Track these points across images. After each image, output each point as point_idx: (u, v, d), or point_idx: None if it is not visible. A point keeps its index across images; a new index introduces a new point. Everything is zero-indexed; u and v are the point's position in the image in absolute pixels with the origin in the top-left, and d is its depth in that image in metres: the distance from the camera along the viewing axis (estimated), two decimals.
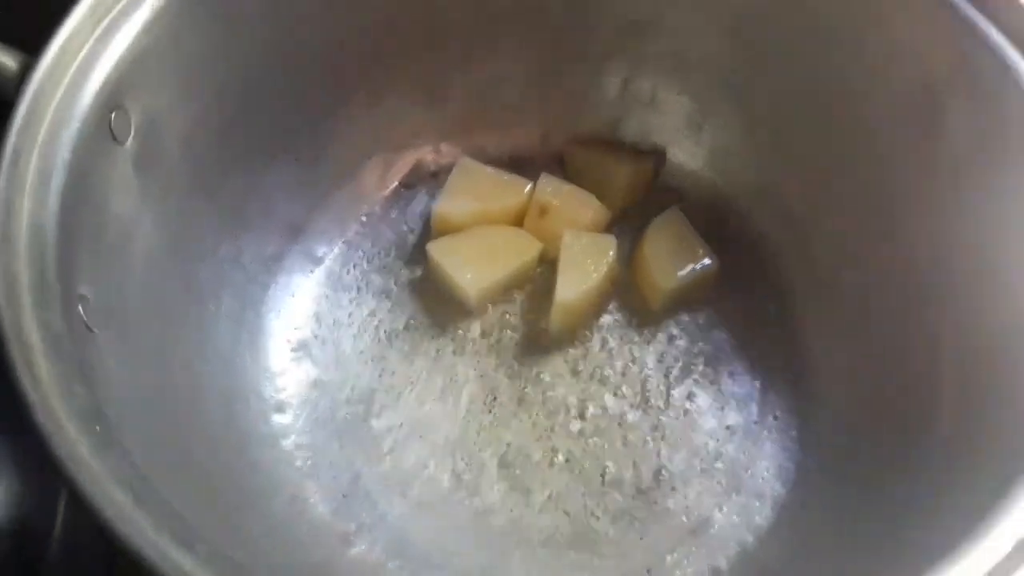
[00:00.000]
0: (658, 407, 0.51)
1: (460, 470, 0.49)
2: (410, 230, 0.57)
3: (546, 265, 0.55)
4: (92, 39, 0.39)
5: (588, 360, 0.53)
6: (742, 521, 0.48)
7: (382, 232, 0.57)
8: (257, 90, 0.49)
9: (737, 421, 0.51)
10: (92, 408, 0.32)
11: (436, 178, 0.58)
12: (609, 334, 0.54)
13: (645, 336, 0.54)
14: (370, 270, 0.56)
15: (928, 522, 0.38)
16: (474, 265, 0.54)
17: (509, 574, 0.47)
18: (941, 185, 0.46)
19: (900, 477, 0.43)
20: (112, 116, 0.39)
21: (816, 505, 0.47)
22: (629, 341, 0.54)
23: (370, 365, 0.52)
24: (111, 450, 0.31)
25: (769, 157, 0.55)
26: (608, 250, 0.54)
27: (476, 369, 0.52)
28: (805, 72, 0.51)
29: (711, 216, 0.57)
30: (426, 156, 0.59)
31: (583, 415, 0.51)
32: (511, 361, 0.53)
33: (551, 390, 0.52)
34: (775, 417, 0.51)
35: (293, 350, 0.53)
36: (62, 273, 0.35)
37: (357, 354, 0.53)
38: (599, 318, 0.54)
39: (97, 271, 0.38)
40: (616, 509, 0.48)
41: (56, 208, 0.36)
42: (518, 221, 0.56)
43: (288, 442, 0.49)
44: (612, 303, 0.55)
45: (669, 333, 0.54)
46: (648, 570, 0.47)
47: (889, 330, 0.49)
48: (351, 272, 0.55)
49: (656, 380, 0.52)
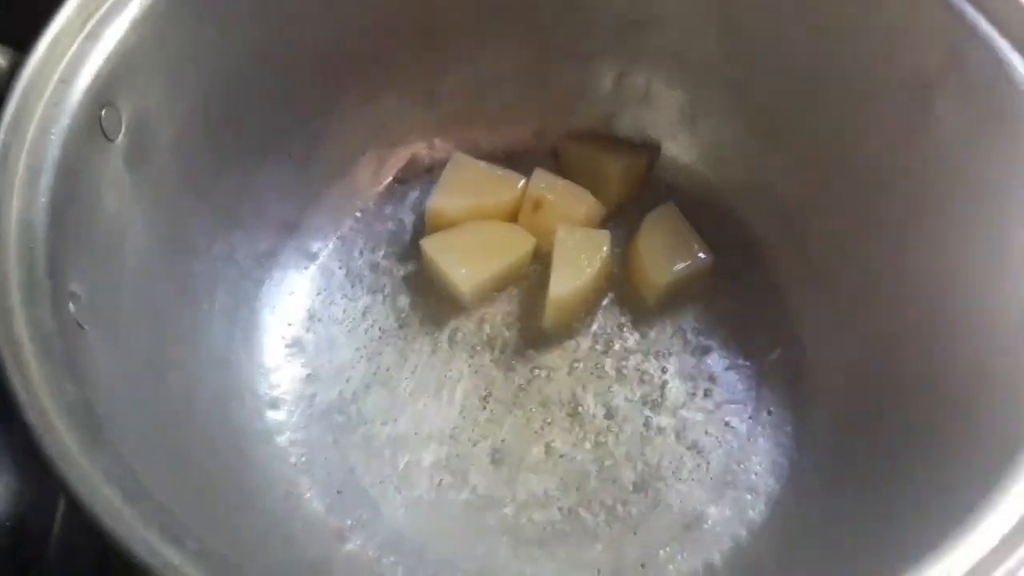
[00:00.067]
0: (652, 402, 0.51)
1: (454, 466, 0.49)
2: (404, 226, 0.57)
3: (540, 260, 0.55)
4: (81, 36, 0.39)
5: (582, 355, 0.53)
6: (736, 516, 0.48)
7: (376, 228, 0.57)
8: (249, 87, 0.48)
9: (731, 417, 0.51)
10: (82, 405, 0.32)
11: (430, 173, 0.58)
12: (603, 329, 0.54)
13: (639, 331, 0.54)
14: (364, 266, 0.56)
15: (919, 517, 0.38)
16: (468, 260, 0.54)
17: (503, 570, 0.47)
18: (935, 180, 0.46)
19: (893, 473, 0.43)
20: (102, 113, 0.39)
21: (809, 500, 0.47)
22: (623, 336, 0.53)
23: (364, 361, 0.52)
24: (101, 447, 0.31)
25: (763, 152, 0.55)
26: (602, 245, 0.54)
27: (470, 365, 0.52)
28: (798, 67, 0.51)
29: (706, 211, 0.56)
30: (420, 151, 0.59)
31: (577, 411, 0.51)
32: (505, 357, 0.53)
33: (545, 386, 0.52)
34: (769, 413, 0.51)
35: (287, 346, 0.52)
36: (52, 270, 0.35)
37: (351, 350, 0.53)
38: (593, 313, 0.54)
39: (88, 268, 0.38)
40: (610, 504, 0.48)
41: (46, 205, 0.36)
42: (512, 216, 0.56)
43: (282, 438, 0.49)
44: (606, 298, 0.55)
45: (663, 328, 0.54)
46: (642, 565, 0.47)
47: (884, 326, 0.49)
48: (345, 268, 0.55)
49: (650, 375, 0.52)
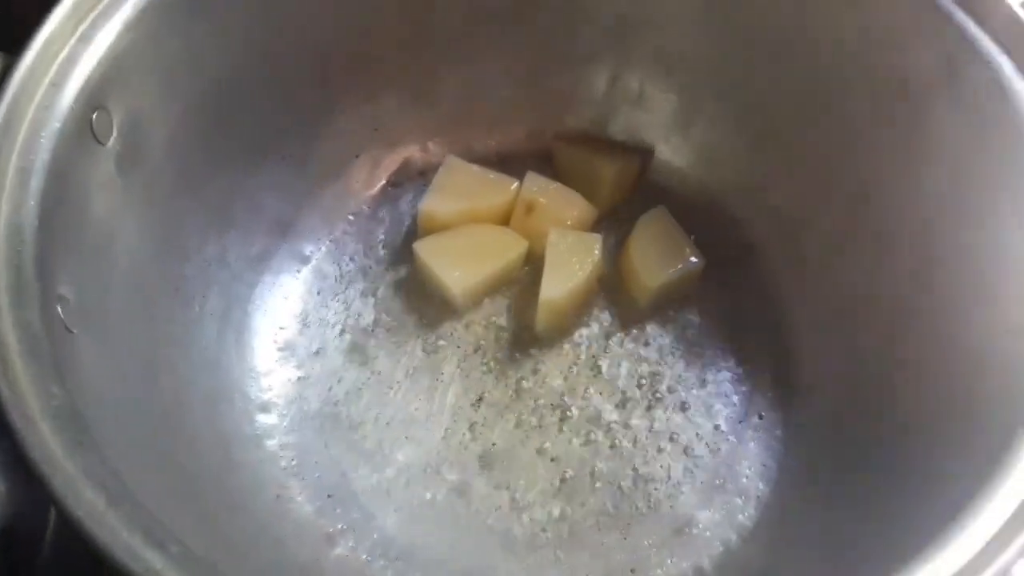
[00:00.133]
0: (644, 406, 0.51)
1: (446, 470, 0.49)
2: (397, 228, 0.57)
3: (532, 263, 0.55)
4: (73, 39, 0.39)
5: (573, 359, 0.53)
6: (726, 520, 0.48)
7: (370, 230, 0.57)
8: (243, 89, 0.48)
9: (722, 420, 0.51)
10: (68, 408, 0.32)
11: (424, 176, 0.58)
12: (595, 332, 0.54)
13: (631, 334, 0.54)
14: (357, 269, 0.56)
15: (908, 521, 0.38)
16: (460, 264, 0.54)
17: (493, 573, 0.47)
18: (926, 182, 0.46)
19: (882, 477, 0.43)
20: (94, 116, 0.39)
21: (799, 504, 0.47)
22: (615, 339, 0.53)
23: (356, 364, 0.52)
24: (86, 450, 0.31)
25: (756, 156, 0.55)
26: (594, 248, 0.54)
27: (462, 368, 0.52)
28: (792, 71, 0.51)
29: (698, 214, 0.56)
30: (414, 154, 0.59)
31: (569, 414, 0.51)
32: (497, 360, 0.53)
33: (537, 389, 0.52)
34: (760, 416, 0.51)
35: (279, 349, 0.53)
36: (41, 273, 0.35)
37: (343, 353, 0.53)
38: (585, 316, 0.54)
39: (77, 271, 0.38)
40: (600, 508, 0.48)
41: (35, 208, 0.36)
42: (504, 219, 0.56)
43: (273, 442, 0.49)
44: (598, 301, 0.55)
45: (655, 331, 0.54)
46: (632, 570, 0.47)
47: (875, 331, 0.49)
48: (338, 271, 0.55)
49: (641, 379, 0.52)
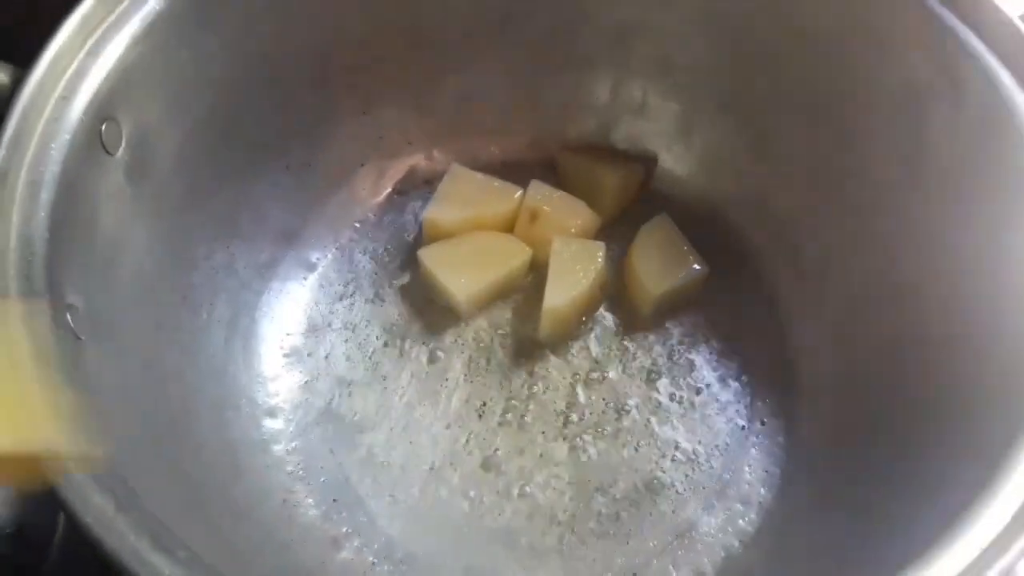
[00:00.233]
0: (646, 412, 0.52)
1: (449, 475, 0.50)
2: (403, 236, 0.58)
3: (536, 271, 0.56)
4: (83, 52, 0.40)
5: (577, 366, 0.53)
6: (728, 526, 0.48)
7: (375, 238, 0.58)
8: (250, 99, 0.49)
9: (724, 427, 0.51)
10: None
11: (429, 184, 0.59)
12: (598, 340, 0.54)
13: (634, 342, 0.54)
14: (363, 276, 0.56)
15: (909, 527, 0.38)
16: (464, 271, 0.54)
17: None
18: (926, 190, 0.46)
19: (883, 484, 0.43)
20: (103, 128, 0.40)
21: (801, 510, 0.47)
22: (618, 347, 0.54)
23: (361, 370, 0.53)
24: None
25: (757, 163, 0.55)
26: (597, 256, 0.54)
27: (466, 375, 0.53)
28: (793, 79, 0.51)
29: (700, 222, 0.57)
30: (419, 163, 0.60)
31: (571, 420, 0.51)
32: (501, 366, 0.53)
33: (540, 395, 0.52)
34: (762, 423, 0.51)
35: (285, 355, 0.53)
36: (51, 283, 0.35)
37: (349, 359, 0.53)
38: (588, 324, 0.55)
39: (87, 280, 0.38)
40: (603, 514, 0.49)
41: (46, 219, 0.36)
42: (509, 227, 0.57)
43: (279, 447, 0.50)
44: (601, 309, 0.55)
45: (658, 339, 0.54)
46: (634, 574, 0.47)
47: (877, 337, 0.49)
48: (344, 278, 0.56)
49: (644, 386, 0.52)
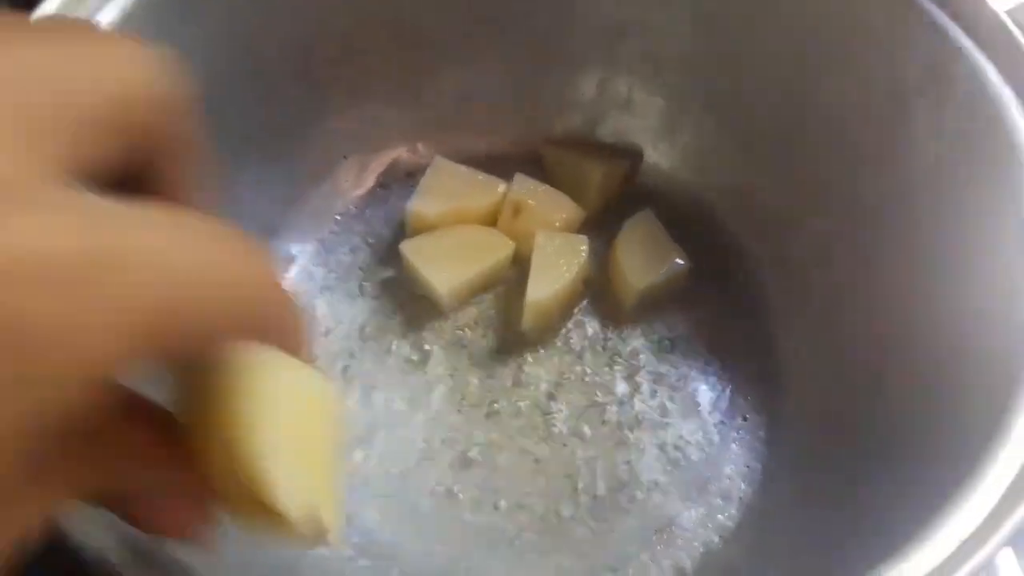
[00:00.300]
0: (628, 408, 0.51)
1: (429, 470, 0.49)
2: (385, 229, 0.57)
3: (519, 265, 0.55)
4: None
5: (559, 360, 0.53)
6: (708, 522, 0.48)
7: (357, 231, 0.57)
8: (230, 89, 0.48)
9: (706, 422, 0.51)
10: None
11: (412, 177, 0.58)
12: (581, 334, 0.54)
13: (617, 336, 0.54)
14: (344, 269, 0.56)
15: (891, 522, 0.37)
16: (447, 265, 0.54)
17: (476, 572, 0.47)
18: (912, 187, 0.46)
19: (866, 479, 0.43)
20: None
21: (782, 505, 0.47)
22: (601, 342, 0.54)
23: (341, 365, 0.52)
24: None
25: (742, 159, 0.55)
26: (581, 250, 0.54)
27: (447, 369, 0.52)
28: (779, 77, 0.51)
29: (685, 217, 0.56)
30: (402, 155, 0.59)
31: (553, 415, 0.51)
32: (482, 361, 0.53)
33: (522, 390, 0.52)
34: (744, 419, 0.51)
35: None
36: None
37: (328, 353, 0.53)
38: (571, 318, 0.54)
39: None
40: (582, 510, 0.48)
41: None
42: (492, 221, 0.56)
43: None
44: (584, 303, 0.55)
45: (641, 334, 0.54)
46: (613, 570, 0.47)
47: (861, 334, 0.49)
48: (325, 271, 0.56)
49: (626, 381, 0.52)
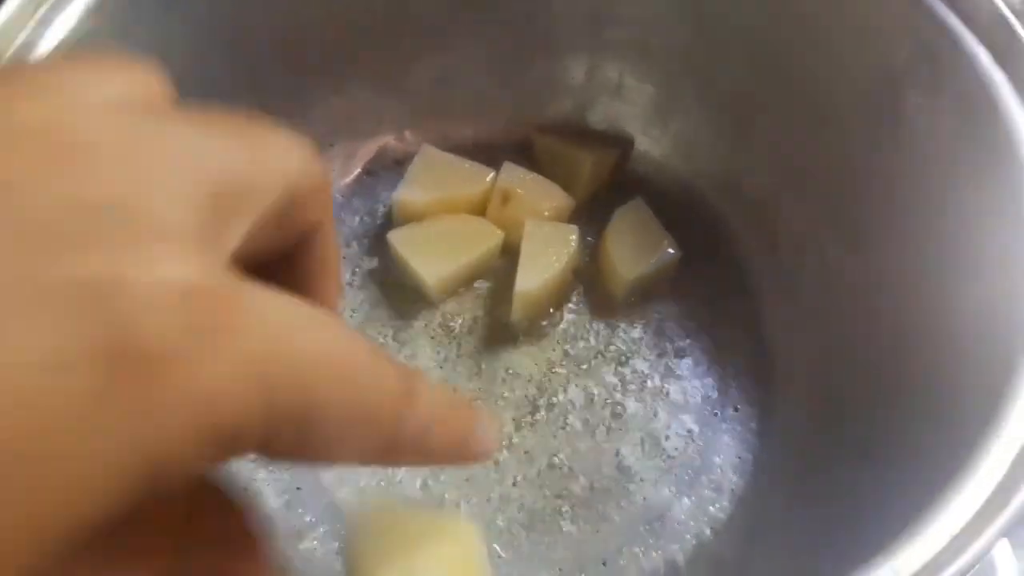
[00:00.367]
0: (617, 398, 0.51)
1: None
2: (372, 218, 0.57)
3: (508, 254, 0.54)
4: (33, 21, 0.38)
5: (548, 350, 0.52)
6: (699, 514, 0.47)
7: (344, 221, 0.56)
8: (212, 78, 0.47)
9: (697, 413, 0.50)
10: None
11: (400, 165, 0.57)
12: (571, 324, 0.53)
13: (607, 327, 0.53)
14: None
15: (883, 515, 0.37)
16: (435, 254, 0.53)
17: None
18: (904, 174, 0.45)
19: (857, 470, 0.42)
20: None
21: (773, 497, 0.47)
22: (591, 332, 0.53)
23: None
24: None
25: (734, 146, 0.54)
26: (570, 239, 0.53)
27: (435, 360, 0.52)
28: (770, 63, 0.50)
29: (676, 206, 0.56)
30: (389, 143, 0.58)
31: (543, 407, 0.50)
32: (471, 352, 0.52)
33: (511, 380, 0.51)
34: (735, 409, 0.50)
35: None
36: None
37: None
38: (561, 308, 0.53)
39: None
40: (573, 502, 0.48)
41: None
42: (480, 209, 0.55)
43: None
44: (575, 293, 0.54)
45: (632, 324, 0.53)
46: (603, 563, 0.46)
47: (852, 324, 0.48)
48: None
49: (617, 372, 0.52)
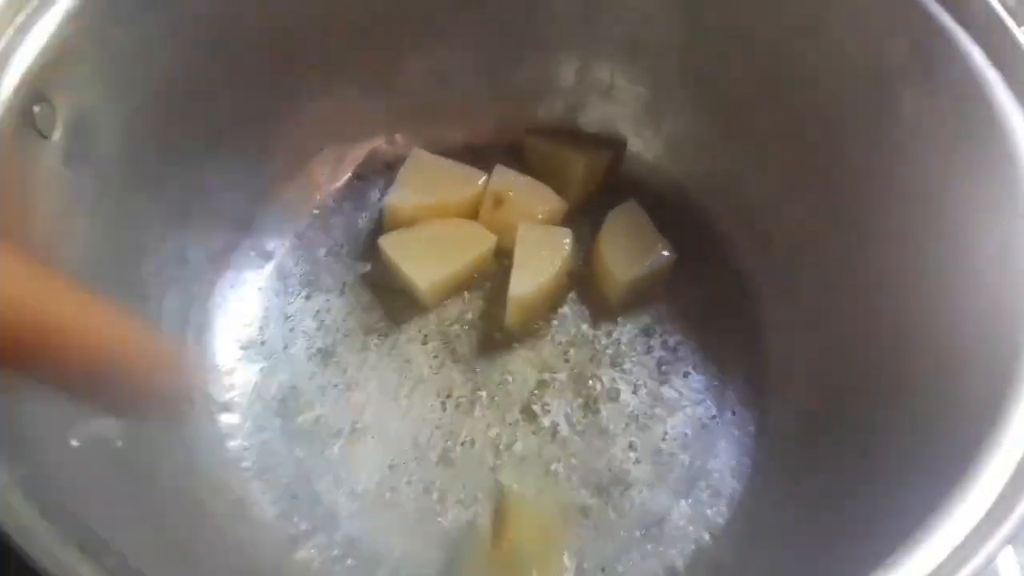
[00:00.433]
0: (614, 402, 0.50)
1: (412, 469, 0.48)
2: (363, 223, 0.56)
3: (501, 259, 0.54)
4: (12, 28, 0.37)
5: (544, 355, 0.52)
6: (698, 518, 0.47)
7: (334, 225, 0.56)
8: (199, 80, 0.47)
9: (694, 417, 0.50)
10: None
11: (390, 169, 0.57)
12: (566, 328, 0.53)
13: (602, 330, 0.53)
14: (322, 265, 0.54)
15: (882, 518, 0.37)
16: (427, 259, 0.52)
17: (461, 573, 0.46)
18: (899, 173, 0.45)
19: (856, 474, 0.42)
20: (36, 110, 0.37)
21: (772, 501, 0.46)
22: (586, 335, 0.52)
23: (321, 363, 0.51)
24: (20, 461, 0.30)
25: (727, 148, 0.54)
26: (564, 243, 0.52)
27: (430, 366, 0.51)
28: (763, 62, 0.50)
29: (670, 208, 0.55)
30: (380, 146, 0.58)
31: (539, 412, 0.50)
32: (466, 357, 0.51)
33: (506, 386, 0.51)
34: (733, 413, 0.50)
35: (242, 348, 0.51)
36: None
37: (307, 352, 0.51)
38: (555, 312, 0.53)
39: None
40: (570, 507, 0.47)
41: None
42: (473, 213, 0.55)
43: (235, 443, 0.48)
44: (569, 296, 0.53)
45: (626, 327, 0.53)
46: (602, 569, 0.46)
47: (848, 325, 0.48)
48: (302, 267, 0.54)
49: (612, 376, 0.51)
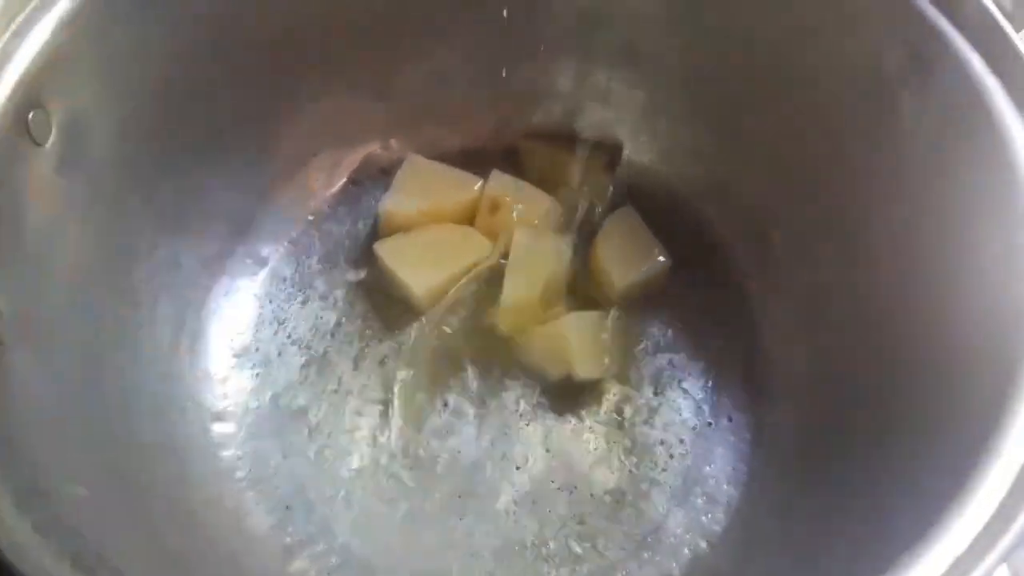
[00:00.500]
0: (610, 409, 0.50)
1: (407, 478, 0.48)
2: (358, 229, 0.56)
3: (497, 264, 0.53)
4: (7, 34, 0.37)
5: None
6: (694, 526, 0.47)
7: (330, 231, 0.55)
8: (194, 86, 0.47)
9: (691, 424, 0.50)
10: None
11: (386, 174, 0.56)
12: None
13: None
14: (317, 271, 0.54)
15: (878, 525, 0.37)
16: (422, 265, 0.52)
17: None
18: (896, 177, 0.45)
19: (852, 480, 0.42)
20: (30, 116, 0.37)
21: (769, 508, 0.46)
22: None
23: (315, 369, 0.51)
24: (11, 471, 0.29)
25: (724, 153, 0.54)
26: (560, 248, 0.52)
27: (425, 372, 0.51)
28: (759, 66, 0.50)
29: (666, 213, 0.55)
30: (375, 151, 0.57)
31: (534, 420, 0.50)
32: (461, 363, 0.51)
33: (501, 393, 0.50)
34: (729, 419, 0.50)
35: (235, 355, 0.51)
36: None
37: (302, 359, 0.51)
38: (551, 318, 0.53)
39: (12, 281, 0.36)
40: (567, 515, 0.47)
41: None
42: (469, 219, 0.55)
43: (229, 452, 0.48)
44: (565, 302, 0.53)
45: (623, 334, 0.52)
46: None
47: (845, 330, 0.48)
48: (297, 273, 0.54)
49: (608, 382, 0.51)
